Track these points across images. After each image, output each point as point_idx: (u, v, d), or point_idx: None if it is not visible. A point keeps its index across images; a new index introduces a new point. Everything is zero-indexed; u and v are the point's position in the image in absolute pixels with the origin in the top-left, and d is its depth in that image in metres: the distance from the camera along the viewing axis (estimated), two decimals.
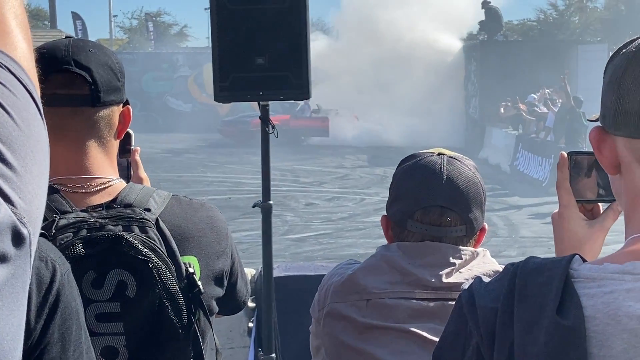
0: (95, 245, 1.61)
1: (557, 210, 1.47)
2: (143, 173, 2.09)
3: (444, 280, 1.84)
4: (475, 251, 1.90)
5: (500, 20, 29.27)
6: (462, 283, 1.69)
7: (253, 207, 4.68)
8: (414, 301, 1.84)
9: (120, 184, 1.77)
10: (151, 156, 23.26)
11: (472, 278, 1.15)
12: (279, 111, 28.60)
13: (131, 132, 1.99)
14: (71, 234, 1.62)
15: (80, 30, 38.38)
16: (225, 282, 1.85)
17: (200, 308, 1.70)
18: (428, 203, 1.88)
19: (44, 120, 0.99)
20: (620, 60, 1.12)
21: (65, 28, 36.81)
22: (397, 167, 1.99)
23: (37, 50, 1.41)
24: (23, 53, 1.02)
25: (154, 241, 1.65)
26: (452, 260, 1.86)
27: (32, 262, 0.92)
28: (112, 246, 1.62)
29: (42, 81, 1.07)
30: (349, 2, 33.31)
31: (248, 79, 4.23)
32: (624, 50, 1.13)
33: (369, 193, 19.05)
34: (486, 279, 1.11)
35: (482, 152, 25.08)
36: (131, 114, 1.83)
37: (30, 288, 1.09)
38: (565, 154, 1.47)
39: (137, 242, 1.62)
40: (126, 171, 2.04)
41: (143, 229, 1.66)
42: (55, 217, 1.63)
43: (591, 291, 1.01)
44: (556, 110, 20.26)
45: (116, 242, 1.62)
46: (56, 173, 1.70)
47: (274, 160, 5.50)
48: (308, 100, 6.84)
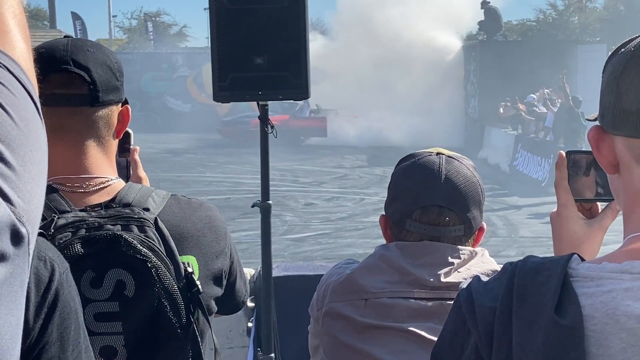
0: (93, 244, 1.61)
1: (556, 209, 1.48)
2: (142, 172, 2.09)
3: (443, 279, 1.84)
4: (473, 251, 1.90)
5: (499, 20, 29.28)
6: (461, 282, 1.69)
7: (252, 207, 4.69)
8: (413, 300, 1.84)
9: (119, 184, 1.77)
10: (150, 156, 23.25)
11: (471, 277, 1.15)
12: (279, 111, 28.58)
13: (130, 132, 1.99)
14: (70, 234, 1.62)
15: (79, 30, 38.33)
16: (224, 282, 1.84)
17: (199, 308, 1.69)
18: (426, 203, 1.88)
19: (43, 119, 0.99)
20: (618, 59, 1.12)
21: (64, 28, 36.84)
22: (396, 167, 1.99)
23: (36, 49, 1.41)
24: (22, 52, 1.02)
25: (153, 241, 1.65)
26: (451, 259, 1.86)
27: (31, 261, 0.92)
28: (111, 246, 1.62)
29: (41, 81, 1.07)
30: (347, 2, 33.29)
31: (247, 79, 4.23)
32: (623, 49, 1.12)
33: (369, 193, 19.04)
34: (485, 278, 1.11)
35: (482, 152, 25.08)
36: (130, 114, 1.83)
37: (28, 287, 1.09)
38: (563, 153, 1.47)
39: (136, 242, 1.62)
40: (125, 170, 2.04)
41: (142, 229, 1.66)
42: (54, 217, 1.63)
43: (589, 290, 1.01)
44: (555, 110, 20.26)
45: (115, 242, 1.62)
46: (55, 173, 1.69)
47: (273, 160, 5.50)
48: (307, 100, 6.83)
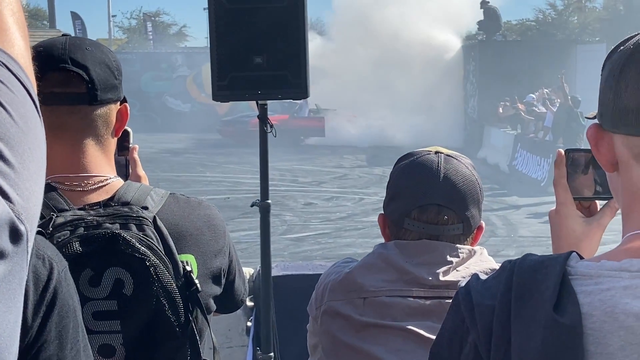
0: (92, 243, 1.61)
1: (555, 207, 1.47)
2: (141, 171, 2.09)
3: (441, 278, 1.84)
4: (472, 249, 1.90)
5: (498, 20, 29.28)
6: (459, 281, 1.69)
7: (251, 206, 4.70)
8: (411, 299, 1.83)
9: (117, 182, 1.77)
10: (150, 156, 23.25)
11: (469, 276, 1.15)
12: (278, 111, 28.59)
13: (129, 130, 1.99)
14: (68, 232, 1.61)
15: (79, 30, 38.33)
16: (223, 281, 1.84)
17: (197, 306, 1.69)
18: (425, 201, 1.88)
19: (41, 117, 0.98)
20: (617, 57, 1.11)
21: (64, 28, 36.79)
22: (395, 166, 1.98)
23: (34, 48, 1.41)
24: (20, 50, 1.02)
25: (151, 239, 1.65)
26: (449, 258, 1.86)
27: (29, 259, 0.91)
28: (109, 244, 1.61)
29: (39, 79, 1.07)
30: (344, 2, 33.26)
31: (246, 78, 4.23)
32: (622, 47, 1.12)
33: (368, 193, 19.03)
34: (483, 276, 1.10)
35: (481, 152, 25.08)
36: (128, 112, 1.83)
37: (27, 286, 1.09)
38: (562, 152, 1.47)
39: (134, 240, 1.62)
40: (124, 169, 2.04)
41: (140, 227, 1.66)
42: (52, 215, 1.63)
43: (588, 288, 1.01)
44: (555, 110, 20.26)
45: (113, 240, 1.61)
46: (53, 171, 1.69)
47: (273, 160, 5.50)
48: (306, 99, 6.84)
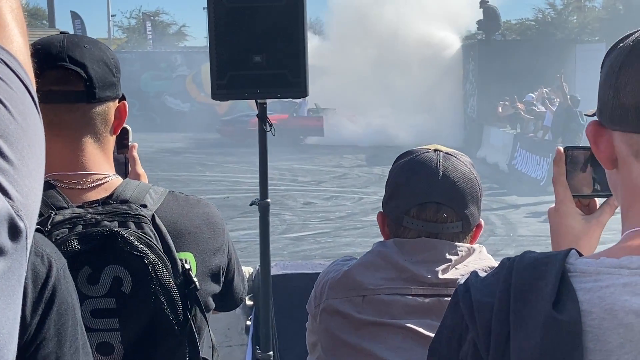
0: (90, 241, 1.60)
1: (554, 205, 1.47)
2: (140, 169, 2.09)
3: (440, 276, 1.84)
4: (471, 247, 1.90)
5: (498, 19, 29.29)
6: (458, 279, 1.69)
7: (251, 205, 4.71)
8: (410, 297, 1.83)
9: (116, 180, 1.76)
10: (149, 155, 23.25)
11: (469, 274, 1.15)
12: (278, 110, 28.59)
13: (129, 128, 1.99)
14: (67, 230, 1.61)
15: (78, 29, 38.33)
16: (221, 279, 1.84)
17: (196, 304, 1.69)
18: (424, 199, 1.88)
19: (40, 114, 0.98)
20: (617, 54, 1.11)
21: (63, 27, 36.74)
22: (394, 164, 1.98)
23: (32, 46, 1.40)
24: (19, 47, 1.01)
25: (150, 237, 1.64)
26: (448, 256, 1.86)
27: (28, 257, 0.91)
28: (108, 242, 1.61)
29: (37, 77, 1.06)
30: (343, 1, 33.24)
31: (246, 77, 4.23)
32: (621, 44, 1.12)
33: (367, 192, 19.04)
34: (482, 274, 1.10)
35: (480, 151, 25.09)
36: (127, 110, 1.82)
37: (25, 283, 1.09)
38: (562, 149, 1.47)
39: (133, 238, 1.62)
40: (124, 167, 2.04)
41: (139, 225, 1.66)
42: (50, 213, 1.62)
43: (587, 285, 1.00)
44: (554, 109, 20.27)
45: (112, 238, 1.61)
46: (52, 169, 1.68)
47: (272, 159, 5.50)
48: (306, 99, 6.83)
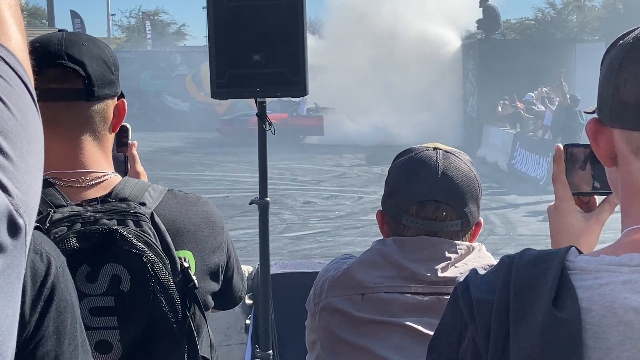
0: (89, 239, 1.60)
1: (554, 203, 1.47)
2: (140, 167, 2.08)
3: (440, 274, 1.84)
4: (470, 245, 1.89)
5: (498, 18, 29.31)
6: (458, 277, 1.68)
7: (250, 204, 4.71)
8: (409, 295, 1.83)
9: (115, 178, 1.76)
10: (149, 155, 23.25)
11: (468, 272, 1.15)
12: (277, 110, 28.60)
13: (128, 126, 1.99)
14: (65, 228, 1.61)
15: (78, 28, 38.33)
16: (221, 277, 1.84)
17: (195, 303, 1.69)
18: (423, 197, 1.88)
19: (39, 111, 0.98)
20: (617, 51, 1.11)
21: (63, 26, 36.38)
22: (393, 162, 1.98)
23: (31, 44, 1.40)
24: (17, 44, 1.01)
25: (149, 235, 1.64)
26: (448, 254, 1.86)
27: (28, 254, 0.91)
28: (106, 240, 1.61)
29: (36, 75, 1.06)
30: (339, 1, 33.23)
31: (245, 76, 4.23)
32: (621, 41, 1.12)
33: (367, 191, 19.04)
34: (482, 271, 1.10)
35: (480, 151, 25.09)
36: (126, 107, 1.82)
37: (24, 281, 1.08)
38: (561, 147, 1.47)
39: (132, 237, 1.61)
40: (123, 165, 2.04)
41: (137, 223, 1.65)
42: (49, 211, 1.62)
43: (587, 283, 1.00)
44: (554, 108, 20.27)
45: (110, 236, 1.61)
46: (51, 167, 1.68)
47: (272, 159, 5.50)
48: (305, 98, 6.84)
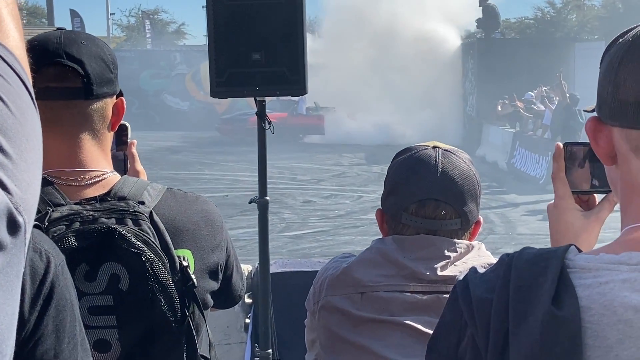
0: (88, 238, 1.60)
1: (553, 201, 1.47)
2: (139, 166, 2.08)
3: (439, 273, 1.83)
4: (470, 244, 1.89)
5: (497, 18, 29.33)
6: (457, 276, 1.68)
7: (250, 203, 4.72)
8: (409, 294, 1.83)
9: (114, 177, 1.76)
10: (148, 154, 23.25)
11: (467, 270, 1.15)
12: (277, 109, 28.60)
13: (127, 125, 1.98)
14: (64, 227, 1.60)
15: (77, 27, 38.34)
16: (220, 276, 1.83)
17: (194, 302, 1.68)
18: (423, 196, 1.88)
19: (37, 108, 0.98)
20: (616, 50, 1.11)
21: (62, 25, 36.64)
22: (392, 161, 1.98)
23: (29, 42, 1.40)
24: (15, 42, 1.01)
25: (147, 234, 1.64)
26: (447, 253, 1.86)
27: (27, 252, 0.91)
28: (105, 239, 1.60)
29: (34, 73, 1.06)
30: (337, 1, 33.21)
31: (244, 75, 4.23)
32: (620, 40, 1.11)
33: (367, 191, 19.05)
34: (481, 270, 1.10)
35: (480, 150, 25.09)
36: (125, 106, 1.82)
37: (24, 279, 1.08)
38: (561, 145, 1.47)
39: (130, 235, 1.61)
40: (123, 164, 2.03)
41: (136, 222, 1.65)
42: (48, 210, 1.62)
43: (587, 281, 1.00)
44: (553, 108, 20.27)
45: (109, 235, 1.60)
46: (50, 166, 1.68)
47: (272, 158, 5.50)
48: (304, 96, 6.84)
